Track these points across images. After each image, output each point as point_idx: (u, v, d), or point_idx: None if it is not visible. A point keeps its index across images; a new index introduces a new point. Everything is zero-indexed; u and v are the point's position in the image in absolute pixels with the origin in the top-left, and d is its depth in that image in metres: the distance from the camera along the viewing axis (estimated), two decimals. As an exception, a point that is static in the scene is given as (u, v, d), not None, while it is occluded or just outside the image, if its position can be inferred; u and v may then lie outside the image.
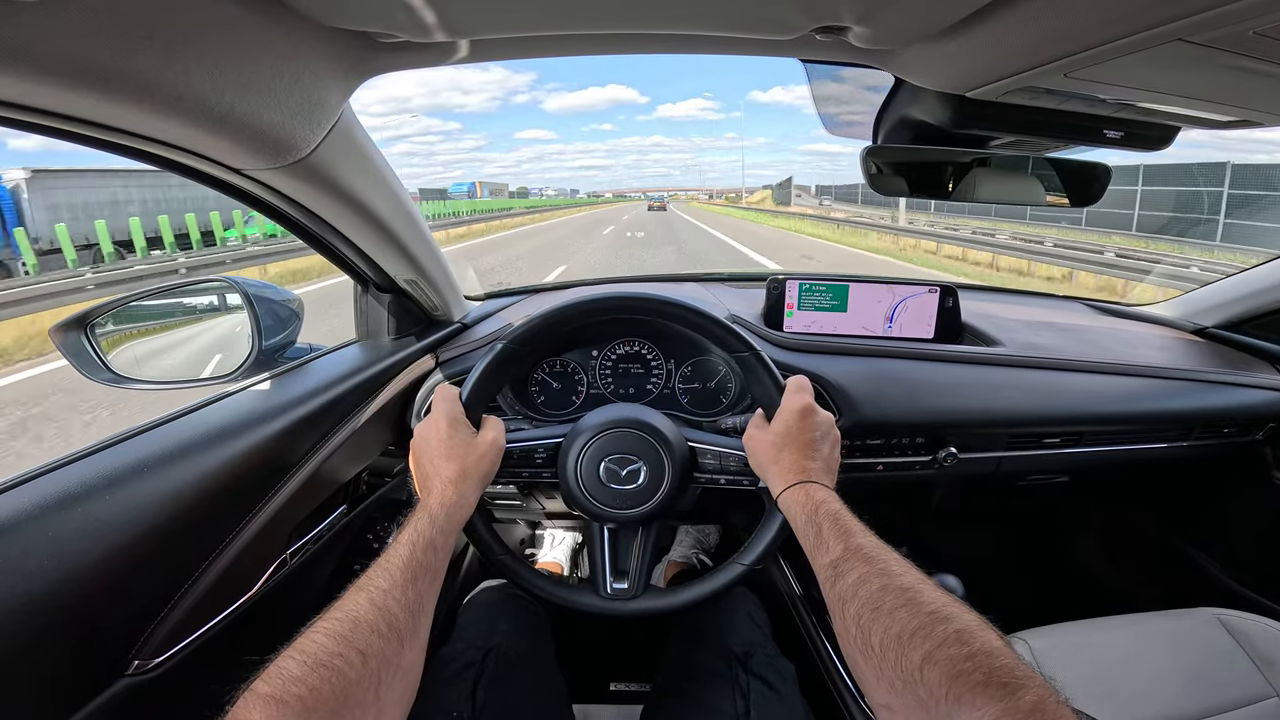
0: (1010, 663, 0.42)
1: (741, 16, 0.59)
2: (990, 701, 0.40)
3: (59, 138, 0.47)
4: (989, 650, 0.43)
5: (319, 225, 0.80)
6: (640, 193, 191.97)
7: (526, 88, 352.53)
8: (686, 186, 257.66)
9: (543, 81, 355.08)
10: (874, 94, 0.85)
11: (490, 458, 0.75)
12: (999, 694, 0.40)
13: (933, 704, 0.43)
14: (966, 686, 0.41)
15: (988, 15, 0.53)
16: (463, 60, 0.65)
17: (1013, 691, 0.40)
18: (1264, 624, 0.97)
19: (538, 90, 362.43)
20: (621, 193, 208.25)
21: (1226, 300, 1.31)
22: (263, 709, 0.42)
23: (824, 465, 0.73)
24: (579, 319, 0.84)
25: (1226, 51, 0.52)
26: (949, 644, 0.45)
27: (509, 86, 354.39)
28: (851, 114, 0.93)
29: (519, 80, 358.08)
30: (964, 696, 0.41)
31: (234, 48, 0.49)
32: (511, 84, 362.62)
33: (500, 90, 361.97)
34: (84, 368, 0.81)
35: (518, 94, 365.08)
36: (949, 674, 0.43)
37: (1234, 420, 1.19)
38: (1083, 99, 0.71)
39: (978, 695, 0.41)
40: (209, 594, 0.67)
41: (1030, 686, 0.40)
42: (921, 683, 0.44)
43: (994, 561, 1.73)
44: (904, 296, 1.20)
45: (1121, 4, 0.47)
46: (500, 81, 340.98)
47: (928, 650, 0.45)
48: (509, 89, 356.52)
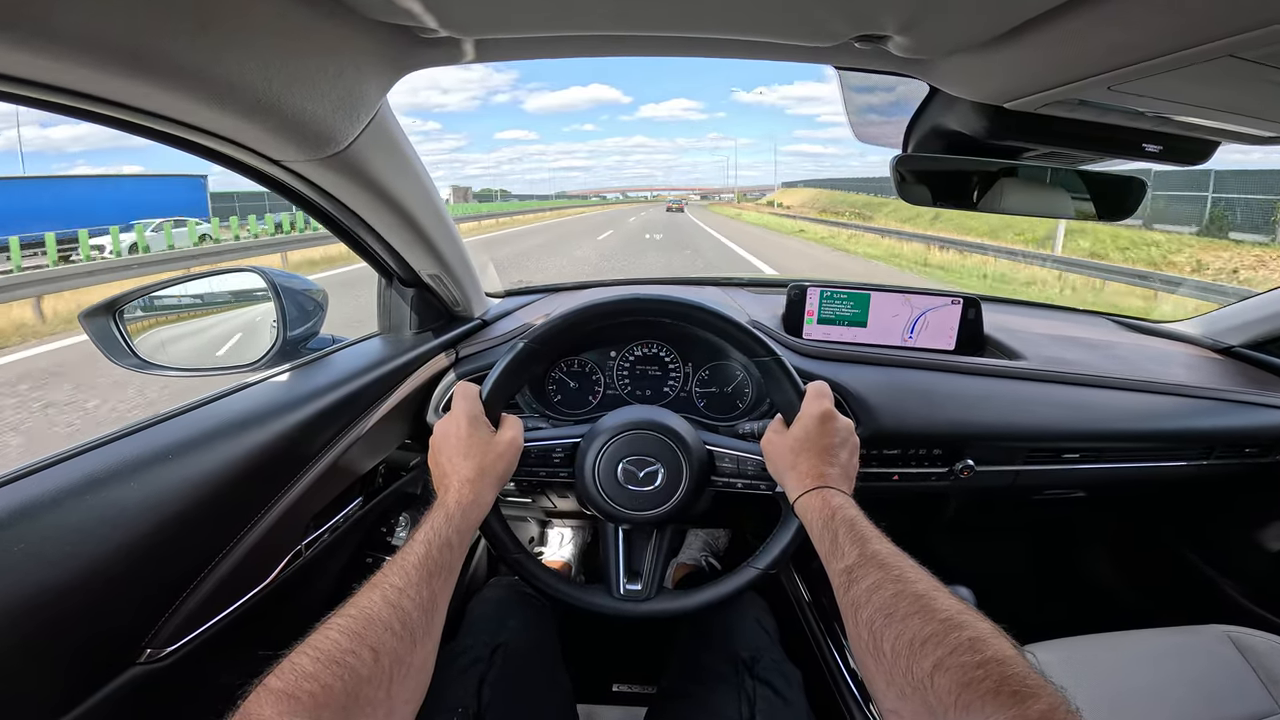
0: (1021, 671, 0.42)
1: (782, 23, 0.59)
2: (999, 710, 0.39)
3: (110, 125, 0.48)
4: (1001, 658, 0.43)
5: (349, 218, 0.81)
6: (620, 193, 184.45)
7: (507, 87, 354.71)
8: (673, 186, 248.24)
9: (524, 81, 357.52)
10: (907, 102, 0.84)
11: (508, 457, 0.75)
12: (1009, 702, 0.40)
13: (942, 711, 0.42)
14: (976, 694, 0.41)
15: (1034, 27, 0.53)
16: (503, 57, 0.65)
17: (1022, 700, 0.39)
18: (1273, 641, 0.96)
19: (519, 90, 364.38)
20: (600, 192, 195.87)
21: (1253, 319, 1.30)
22: (275, 704, 0.42)
23: (842, 471, 0.73)
24: (599, 320, 0.84)
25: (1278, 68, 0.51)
26: (961, 651, 0.44)
27: (489, 85, 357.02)
28: (882, 122, 0.92)
29: (500, 79, 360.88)
30: (973, 704, 0.41)
31: (284, 40, 0.49)
32: (492, 83, 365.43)
33: (480, 89, 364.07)
34: (111, 353, 0.82)
35: (498, 93, 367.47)
36: (960, 681, 0.42)
37: (1256, 440, 1.18)
38: (1121, 112, 0.70)
39: (987, 703, 0.40)
40: (224, 584, 0.67)
41: (1041, 695, 0.40)
42: (931, 689, 0.44)
43: (1007, 574, 1.72)
44: (925, 308, 1.19)
45: (1175, 19, 0.47)
46: (481, 80, 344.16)
47: (939, 657, 0.45)
48: (489, 88, 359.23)
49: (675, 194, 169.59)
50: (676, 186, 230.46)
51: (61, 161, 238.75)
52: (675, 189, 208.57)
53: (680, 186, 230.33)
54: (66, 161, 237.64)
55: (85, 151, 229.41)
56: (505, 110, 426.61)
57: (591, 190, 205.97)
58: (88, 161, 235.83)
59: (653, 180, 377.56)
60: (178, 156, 3.23)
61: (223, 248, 11.88)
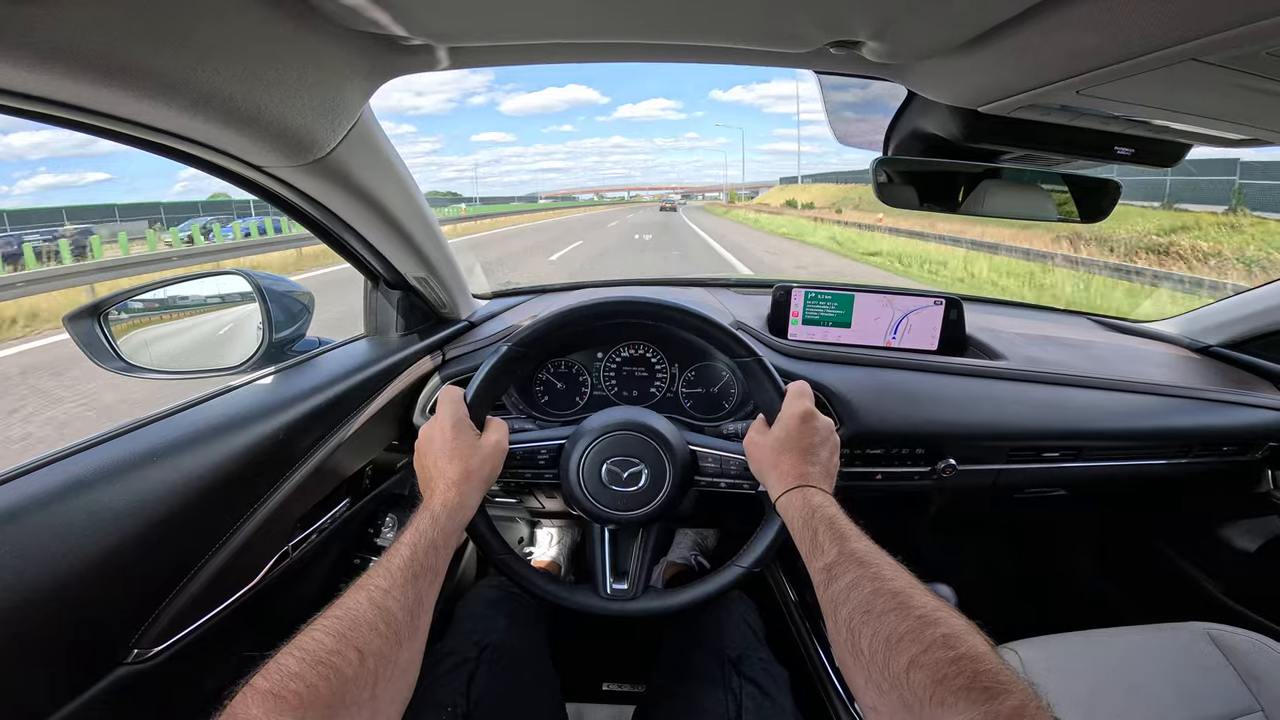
0: (994, 667, 0.43)
1: (756, 30, 0.60)
2: (972, 705, 0.40)
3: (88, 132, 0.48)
4: (974, 655, 0.44)
5: (334, 222, 0.81)
6: (595, 194, 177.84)
7: (483, 89, 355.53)
8: (653, 185, 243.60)
9: (500, 83, 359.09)
10: (886, 105, 0.85)
11: (493, 460, 0.75)
12: (981, 698, 0.41)
13: (917, 706, 0.43)
14: (950, 690, 0.42)
15: (1001, 32, 0.54)
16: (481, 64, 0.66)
17: (994, 696, 0.40)
18: (1253, 639, 0.97)
19: (495, 91, 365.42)
20: (573, 193, 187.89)
21: (1231, 319, 1.31)
22: (261, 704, 0.43)
23: (823, 470, 0.73)
24: (585, 322, 0.85)
25: (1240, 71, 0.52)
26: (935, 648, 0.45)
27: (465, 88, 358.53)
28: (862, 124, 0.94)
29: (475, 81, 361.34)
30: (947, 700, 0.42)
31: (263, 49, 0.50)
32: (467, 85, 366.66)
33: (456, 92, 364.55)
34: (96, 356, 0.82)
35: (474, 95, 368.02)
36: (934, 677, 0.43)
37: (1234, 439, 1.20)
38: (1095, 115, 0.71)
39: (960, 699, 0.41)
40: (211, 585, 0.68)
41: (1013, 692, 0.41)
42: (907, 685, 0.44)
43: (989, 572, 1.73)
44: (908, 309, 1.20)
45: (1135, 24, 0.48)
46: (456, 82, 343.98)
47: (914, 654, 0.46)
48: (465, 90, 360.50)
49: (660, 193, 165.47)
50: (657, 186, 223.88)
51: (24, 169, 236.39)
52: (655, 188, 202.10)
53: (661, 186, 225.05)
54: (29, 168, 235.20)
55: (47, 159, 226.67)
56: (481, 112, 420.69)
57: (564, 191, 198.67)
58: (50, 169, 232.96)
59: (631, 180, 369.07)
60: (144, 160, 3.10)
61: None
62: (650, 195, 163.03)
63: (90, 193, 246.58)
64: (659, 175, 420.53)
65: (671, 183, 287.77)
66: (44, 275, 8.41)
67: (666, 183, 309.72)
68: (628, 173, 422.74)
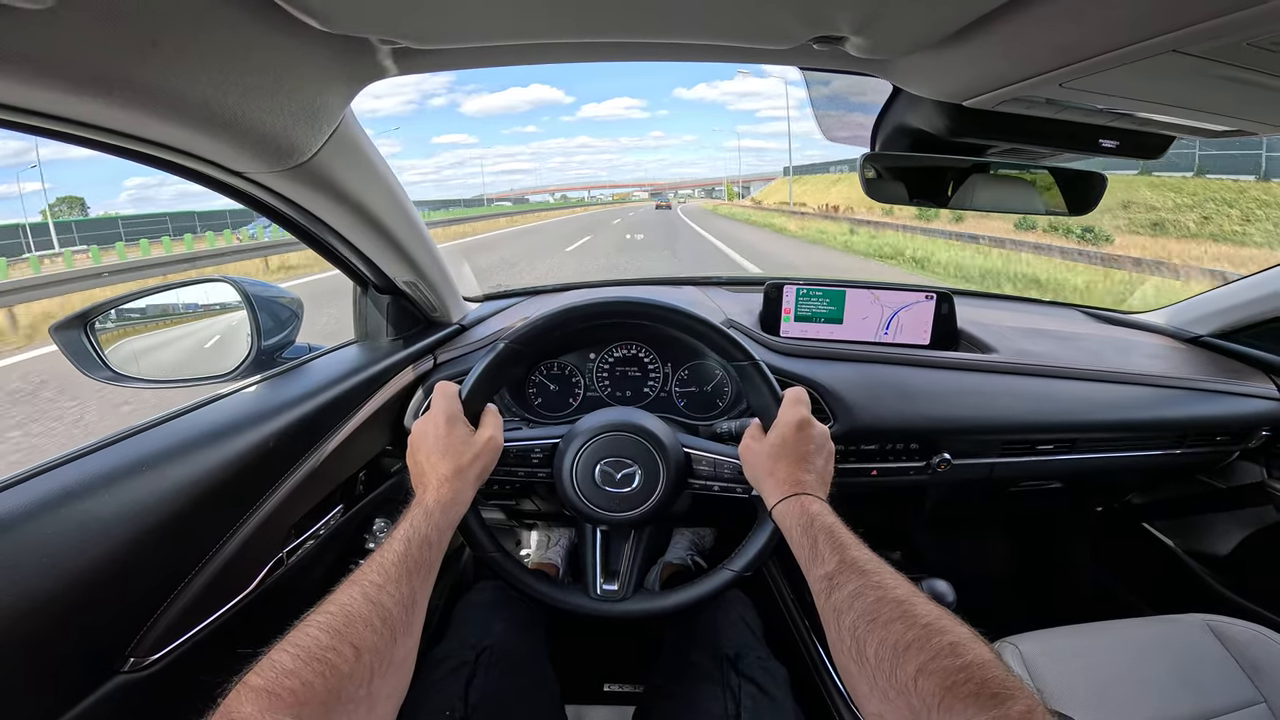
0: (1001, 674, 0.44)
1: (739, 26, 0.60)
2: (981, 711, 0.41)
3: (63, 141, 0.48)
4: (981, 662, 0.45)
5: (319, 227, 0.81)
6: (552, 192, 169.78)
7: (444, 89, 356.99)
8: (618, 183, 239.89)
9: (461, 83, 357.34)
10: (872, 101, 0.85)
11: (486, 456, 0.75)
12: (989, 703, 0.41)
13: (925, 713, 0.44)
14: (959, 697, 0.43)
15: (983, 26, 0.54)
16: (465, 66, 0.66)
17: (1002, 701, 0.41)
18: (1253, 630, 0.98)
19: (456, 93, 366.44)
20: (527, 194, 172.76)
21: (1220, 309, 1.32)
22: (255, 701, 0.42)
23: (818, 477, 0.73)
24: (579, 322, 0.84)
25: (1221, 63, 0.53)
26: (943, 655, 0.46)
27: (425, 89, 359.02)
28: (849, 120, 0.94)
29: (435, 82, 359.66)
30: (956, 706, 0.42)
31: (237, 54, 0.49)
32: (427, 86, 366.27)
33: (415, 93, 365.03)
34: (83, 365, 0.81)
35: (434, 96, 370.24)
36: (943, 685, 0.44)
37: (1226, 429, 1.20)
38: (1079, 108, 0.71)
39: (969, 705, 0.42)
40: (205, 592, 0.68)
41: (1019, 697, 0.42)
42: (915, 693, 0.45)
43: (987, 567, 1.73)
44: (900, 305, 1.20)
45: (1116, 17, 0.48)
46: (416, 84, 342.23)
47: (922, 662, 0.46)
48: (425, 91, 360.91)
49: (655, 188, 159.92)
50: (621, 184, 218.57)
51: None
52: (620, 185, 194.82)
53: (626, 183, 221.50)
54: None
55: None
56: (442, 114, 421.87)
57: (520, 192, 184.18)
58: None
59: (598, 179, 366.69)
60: (101, 166, 3.21)
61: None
62: (610, 195, 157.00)
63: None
64: (625, 174, 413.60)
65: (640, 180, 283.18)
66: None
67: (634, 180, 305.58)
68: (594, 173, 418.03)
